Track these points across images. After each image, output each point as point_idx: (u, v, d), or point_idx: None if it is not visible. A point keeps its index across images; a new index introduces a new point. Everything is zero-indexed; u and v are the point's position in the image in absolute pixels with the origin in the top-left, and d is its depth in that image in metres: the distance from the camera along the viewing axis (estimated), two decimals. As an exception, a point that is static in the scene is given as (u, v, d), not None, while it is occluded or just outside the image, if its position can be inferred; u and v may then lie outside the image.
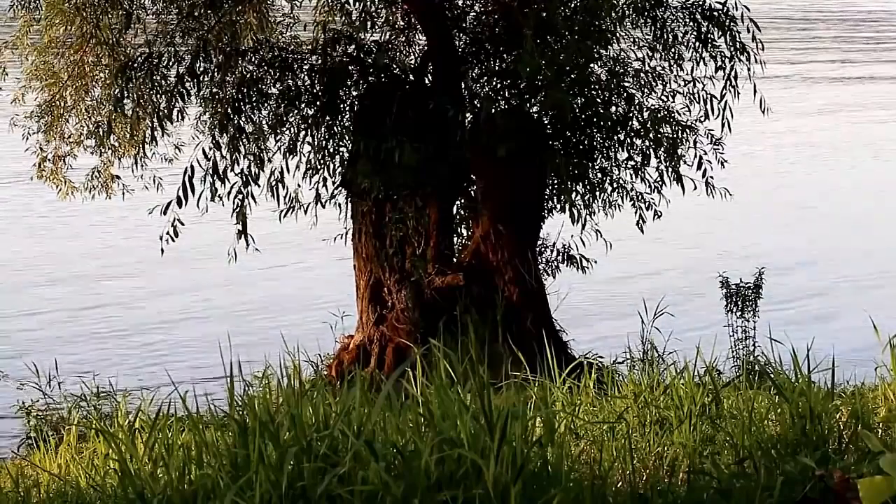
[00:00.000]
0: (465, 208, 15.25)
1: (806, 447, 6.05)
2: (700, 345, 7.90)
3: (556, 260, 15.30)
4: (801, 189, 29.53)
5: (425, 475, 5.17)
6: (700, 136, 14.50)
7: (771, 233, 25.05)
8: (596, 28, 13.36)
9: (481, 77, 14.57)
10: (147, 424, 6.52)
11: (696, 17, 14.16)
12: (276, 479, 5.21)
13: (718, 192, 14.52)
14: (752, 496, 5.54)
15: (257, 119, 14.27)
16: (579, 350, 14.23)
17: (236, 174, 13.98)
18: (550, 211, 14.82)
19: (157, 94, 14.06)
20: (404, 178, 13.86)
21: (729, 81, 14.03)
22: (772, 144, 32.64)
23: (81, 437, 9.50)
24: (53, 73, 15.51)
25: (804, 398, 6.30)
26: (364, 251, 14.69)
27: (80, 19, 14.65)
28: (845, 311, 19.81)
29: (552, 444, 5.51)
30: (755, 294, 14.96)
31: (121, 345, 18.92)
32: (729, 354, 14.39)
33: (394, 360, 14.24)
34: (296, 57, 14.41)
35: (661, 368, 8.00)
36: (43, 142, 15.96)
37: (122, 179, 16.08)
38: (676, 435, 6.64)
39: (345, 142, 14.59)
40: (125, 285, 21.74)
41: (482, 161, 14.09)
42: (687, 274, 21.88)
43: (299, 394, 5.68)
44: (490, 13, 14.65)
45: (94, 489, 6.58)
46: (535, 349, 10.30)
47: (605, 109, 14.00)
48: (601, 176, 14.53)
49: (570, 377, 7.81)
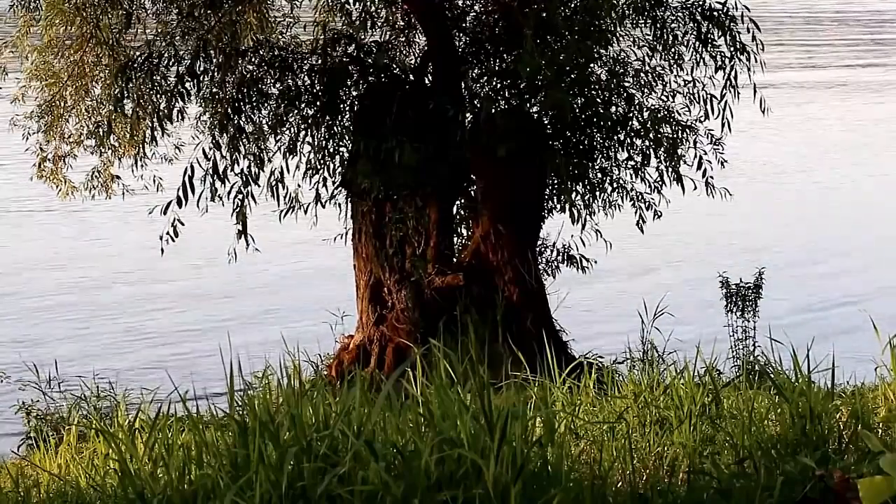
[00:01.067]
0: (465, 208, 15.25)
1: (806, 447, 6.05)
2: (700, 345, 7.90)
3: (556, 260, 15.30)
4: (800, 189, 29.52)
5: (425, 475, 5.17)
6: (700, 136, 14.50)
7: (771, 233, 25.05)
8: (596, 28, 13.36)
9: (481, 77, 14.57)
10: (147, 424, 6.52)
11: (696, 17, 14.16)
12: (276, 479, 5.21)
13: (718, 192, 14.52)
14: (752, 496, 5.54)
15: (257, 119, 14.27)
16: (579, 350, 14.22)
17: (236, 174, 13.97)
18: (550, 211, 14.82)
19: (157, 94, 14.05)
20: (404, 178, 13.86)
21: (729, 81, 14.04)
22: (772, 145, 32.62)
23: (81, 437, 9.50)
24: (53, 73, 15.51)
25: (804, 398, 6.30)
26: (364, 251, 14.69)
27: (80, 19, 14.65)
28: (845, 311, 19.80)
29: (552, 444, 5.51)
30: (755, 294, 14.96)
31: (121, 345, 18.92)
32: (729, 354, 14.39)
33: (394, 360, 14.24)
34: (296, 57, 14.41)
35: (661, 368, 8.00)
36: (43, 142, 15.96)
37: (121, 179, 16.09)
38: (676, 435, 6.64)
39: (345, 142, 14.59)
40: (125, 285, 21.73)
41: (482, 161, 14.09)
42: (687, 274, 21.88)
43: (299, 394, 5.68)
44: (490, 13, 14.65)
45: (94, 489, 6.58)
46: (535, 349, 10.30)
47: (605, 109, 13.99)
48: (601, 176, 14.53)
49: (570, 377, 7.81)
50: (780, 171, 31.13)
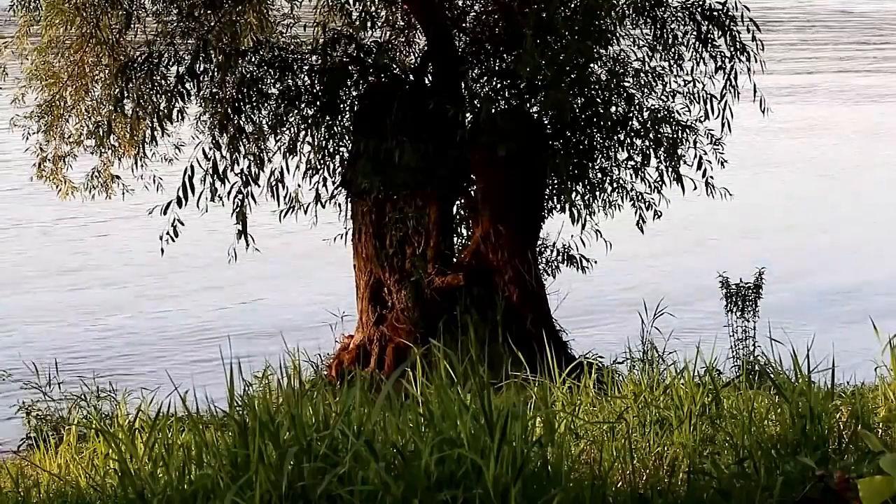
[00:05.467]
0: (465, 208, 15.25)
1: (806, 447, 6.05)
2: (700, 345, 7.89)
3: (556, 260, 15.31)
4: (801, 188, 29.51)
5: (425, 475, 5.17)
6: (700, 136, 14.50)
7: (771, 233, 25.04)
8: (596, 28, 13.36)
9: (481, 77, 14.57)
10: (147, 424, 6.52)
11: (696, 17, 14.17)
12: (276, 479, 5.21)
13: (718, 192, 14.53)
14: (752, 496, 5.54)
15: (257, 119, 14.27)
16: (579, 350, 14.21)
17: (236, 174, 13.98)
18: (550, 211, 14.82)
19: (157, 94, 14.06)
20: (404, 178, 13.86)
21: (729, 81, 14.05)
22: (773, 144, 32.61)
23: (81, 437, 9.49)
24: (53, 73, 15.51)
25: (804, 398, 6.30)
26: (364, 251, 14.69)
27: (80, 19, 14.66)
28: (845, 311, 19.79)
29: (552, 444, 5.51)
30: (755, 294, 14.96)
31: (121, 345, 18.91)
32: (729, 354, 14.39)
33: (394, 360, 14.24)
34: (296, 57, 14.41)
35: (661, 368, 7.99)
36: (43, 142, 15.96)
37: (121, 179, 16.09)
38: (676, 435, 6.64)
39: (345, 142, 14.59)
40: (125, 285, 21.72)
41: (482, 161, 14.09)
42: (687, 274, 21.87)
43: (299, 394, 5.68)
44: (490, 13, 14.65)
45: (94, 489, 6.57)
46: (535, 349, 10.29)
47: (605, 109, 14.00)
48: (601, 176, 14.54)
49: (570, 377, 7.81)
50: (781, 170, 31.11)
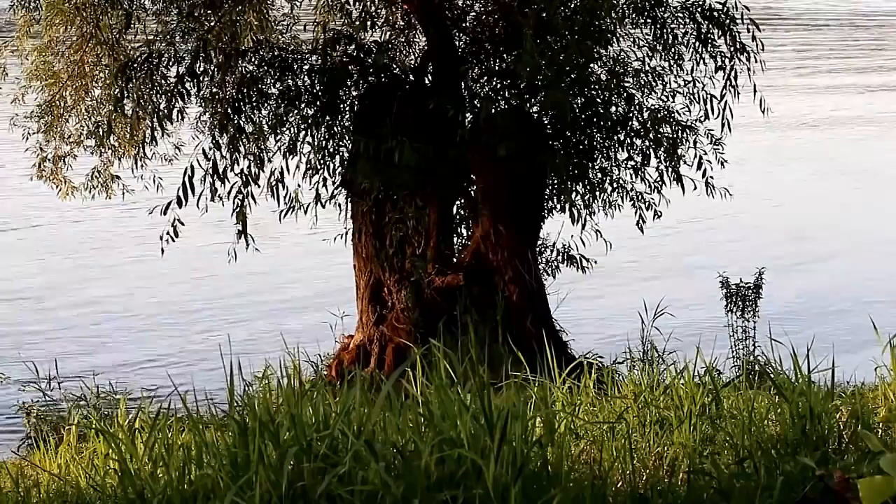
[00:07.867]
0: (465, 208, 15.25)
1: (806, 447, 6.05)
2: (700, 345, 7.89)
3: (556, 260, 15.31)
4: (801, 188, 29.52)
5: (425, 475, 5.17)
6: (700, 136, 14.50)
7: (771, 232, 25.04)
8: (596, 28, 13.36)
9: (481, 77, 14.57)
10: (147, 424, 6.52)
11: (696, 17, 14.16)
12: (276, 479, 5.21)
13: (718, 192, 14.53)
14: (752, 496, 5.53)
15: (257, 119, 14.26)
16: (579, 350, 14.22)
17: (236, 174, 13.97)
18: (550, 211, 14.82)
19: (157, 94, 14.06)
20: (404, 178, 13.86)
21: (729, 81, 14.04)
22: (773, 144, 32.63)
23: (81, 437, 9.49)
24: (53, 73, 15.52)
25: (804, 398, 6.30)
26: (364, 251, 14.70)
27: (80, 19, 14.66)
28: (845, 310, 19.80)
29: (552, 444, 5.51)
30: (755, 294, 14.96)
31: (121, 345, 18.91)
32: (729, 354, 14.39)
33: (394, 360, 14.24)
34: (296, 57, 14.41)
35: (661, 368, 7.99)
36: (43, 142, 15.96)
37: (121, 179, 16.09)
38: (676, 435, 6.63)
39: (345, 142, 14.59)
40: (125, 285, 21.72)
41: (482, 161, 14.09)
42: (687, 274, 21.87)
43: (299, 394, 5.68)
44: (490, 13, 14.65)
45: (94, 489, 6.57)
46: (535, 349, 10.28)
47: (605, 109, 14.00)
48: (601, 176, 14.54)
49: (570, 377, 7.80)
50: (781, 170, 31.12)
